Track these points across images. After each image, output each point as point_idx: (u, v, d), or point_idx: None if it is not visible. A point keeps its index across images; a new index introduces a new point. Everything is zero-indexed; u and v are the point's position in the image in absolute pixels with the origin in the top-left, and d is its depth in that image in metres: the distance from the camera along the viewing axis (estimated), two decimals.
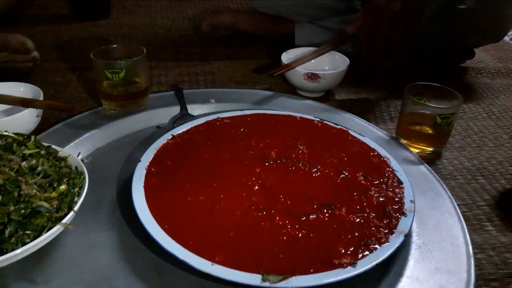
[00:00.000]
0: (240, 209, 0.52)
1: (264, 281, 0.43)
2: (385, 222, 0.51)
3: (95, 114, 0.75)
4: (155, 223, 0.49)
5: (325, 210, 0.52)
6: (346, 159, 0.62)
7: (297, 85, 0.89)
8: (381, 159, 0.62)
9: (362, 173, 0.59)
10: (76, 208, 0.48)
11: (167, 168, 0.58)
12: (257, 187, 0.56)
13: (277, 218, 0.51)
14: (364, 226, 0.50)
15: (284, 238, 0.48)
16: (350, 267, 0.45)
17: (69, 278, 0.47)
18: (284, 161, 0.61)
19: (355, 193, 0.55)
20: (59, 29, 1.24)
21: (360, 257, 0.46)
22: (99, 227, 0.54)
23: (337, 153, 0.63)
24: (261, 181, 0.57)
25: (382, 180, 0.58)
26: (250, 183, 0.56)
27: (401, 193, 0.56)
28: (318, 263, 0.45)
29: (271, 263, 0.45)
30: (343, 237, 0.49)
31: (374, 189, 0.56)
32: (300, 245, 0.47)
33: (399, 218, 0.51)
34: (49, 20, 1.31)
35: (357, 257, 0.46)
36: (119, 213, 0.56)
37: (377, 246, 0.47)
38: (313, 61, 0.91)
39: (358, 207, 0.53)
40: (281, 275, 0.43)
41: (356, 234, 0.49)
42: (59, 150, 0.56)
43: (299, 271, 0.44)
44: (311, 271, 0.44)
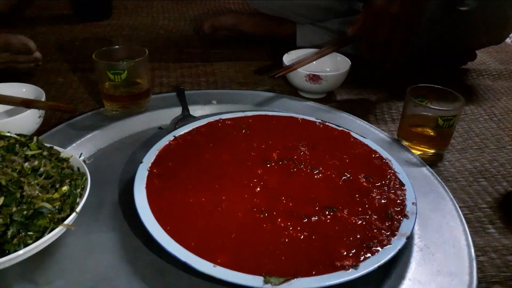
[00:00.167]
0: (242, 210, 0.52)
1: (266, 283, 0.43)
2: (387, 224, 0.51)
3: (97, 115, 0.75)
4: (157, 225, 0.49)
5: (327, 212, 0.52)
6: (347, 160, 0.62)
7: (299, 86, 0.89)
8: (383, 161, 0.62)
9: (364, 175, 0.59)
10: (78, 209, 0.48)
11: (169, 170, 0.58)
12: (258, 188, 0.56)
13: (279, 220, 0.51)
14: (366, 228, 0.50)
15: (286, 240, 0.48)
16: (352, 269, 0.45)
17: (71, 279, 0.47)
18: (286, 162, 0.61)
19: (357, 195, 0.55)
20: (60, 29, 1.24)
21: (362, 259, 0.46)
22: (101, 228, 0.54)
23: (339, 154, 0.63)
24: (262, 183, 0.57)
25: (384, 182, 0.58)
26: (252, 185, 0.56)
27: (403, 195, 0.56)
28: (320, 265, 0.45)
29: (273, 265, 0.45)
30: (345, 239, 0.48)
31: (376, 191, 0.56)
32: (302, 247, 0.47)
33: (401, 220, 0.51)
34: (50, 21, 1.31)
35: (359, 259, 0.46)
36: (121, 214, 0.56)
37: (379, 249, 0.47)
38: (314, 62, 0.91)
39: (360, 209, 0.53)
40: (283, 277, 0.43)
41: (358, 236, 0.49)
42: (61, 151, 0.56)
43: (301, 273, 0.44)
44: (313, 273, 0.44)
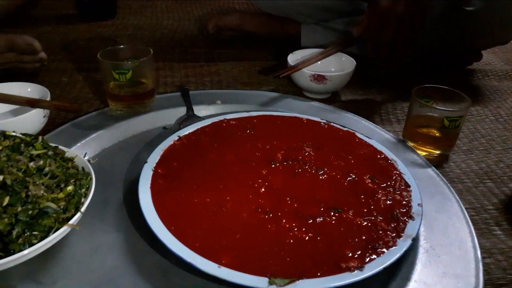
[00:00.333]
0: (247, 211, 0.52)
1: (271, 284, 0.42)
2: (392, 225, 0.50)
3: (101, 114, 0.75)
4: (162, 225, 0.49)
5: (332, 213, 0.52)
6: (353, 161, 0.62)
7: (304, 86, 0.88)
8: (388, 162, 0.62)
9: (369, 176, 0.59)
10: (83, 209, 0.48)
11: (173, 170, 0.58)
12: (263, 189, 0.56)
13: (284, 221, 0.51)
14: (372, 229, 0.50)
15: (291, 241, 0.48)
16: (358, 271, 0.44)
17: (75, 279, 0.47)
18: (291, 163, 0.61)
19: (362, 196, 0.55)
20: (65, 29, 1.25)
21: (367, 260, 0.45)
22: (106, 228, 0.54)
23: (344, 155, 0.63)
24: (267, 183, 0.57)
25: (389, 183, 0.58)
26: (257, 185, 0.56)
27: (409, 196, 0.55)
28: (325, 267, 0.45)
29: (278, 266, 0.45)
30: (350, 240, 0.48)
31: (381, 192, 0.56)
32: (307, 248, 0.47)
33: (406, 222, 0.51)
34: (55, 21, 1.31)
35: (364, 261, 0.45)
36: (125, 214, 0.56)
37: (384, 250, 0.47)
38: (319, 62, 0.91)
39: (365, 210, 0.53)
40: (288, 278, 0.43)
41: (363, 238, 0.49)
42: (66, 150, 0.56)
43: (306, 274, 0.44)
44: (318, 274, 0.44)
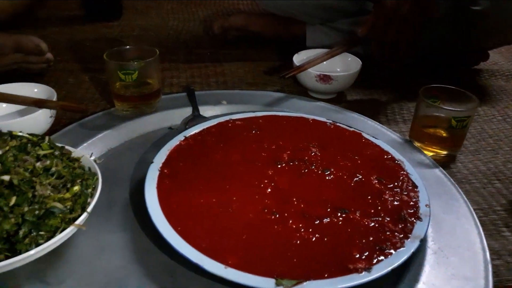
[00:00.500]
0: (253, 211, 0.52)
1: (278, 285, 0.42)
2: (400, 226, 0.50)
3: (107, 115, 0.76)
4: (168, 225, 0.49)
5: (339, 214, 0.51)
6: (359, 162, 0.61)
7: (309, 86, 0.88)
8: (395, 162, 0.62)
9: (376, 176, 0.58)
10: (89, 209, 0.48)
11: (179, 170, 0.58)
12: (269, 189, 0.55)
13: (290, 221, 0.50)
14: (379, 230, 0.49)
15: (298, 242, 0.48)
16: (365, 272, 0.44)
17: (82, 279, 0.47)
18: (297, 163, 0.60)
19: (369, 197, 0.55)
20: (71, 30, 1.25)
21: (375, 262, 0.45)
22: (112, 228, 0.54)
23: (350, 155, 0.62)
24: (273, 184, 0.56)
25: (396, 183, 0.57)
26: (263, 186, 0.56)
27: (416, 197, 0.55)
28: (332, 268, 0.44)
29: (284, 267, 0.44)
30: (357, 241, 0.48)
31: (388, 192, 0.55)
32: (314, 249, 0.47)
33: (414, 223, 0.51)
34: (61, 22, 1.32)
35: (372, 262, 0.45)
36: (131, 214, 0.56)
37: (392, 251, 0.46)
38: (325, 62, 0.91)
39: (373, 211, 0.52)
40: (295, 279, 0.43)
41: (371, 239, 0.48)
42: (72, 150, 0.57)
43: (313, 275, 0.43)
44: (326, 276, 0.43)
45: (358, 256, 0.46)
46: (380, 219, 0.51)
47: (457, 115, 0.66)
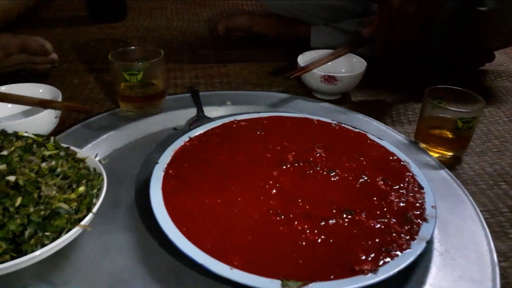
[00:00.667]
0: (258, 212, 0.52)
1: (284, 286, 0.42)
2: (406, 228, 0.50)
3: (112, 115, 0.76)
4: (173, 226, 0.49)
5: (344, 215, 0.51)
6: (365, 163, 0.61)
7: (314, 87, 0.88)
8: (400, 164, 0.61)
9: (381, 178, 0.58)
10: (94, 209, 0.48)
11: (184, 171, 0.58)
12: (274, 190, 0.55)
13: (296, 223, 0.50)
14: (385, 232, 0.49)
15: (303, 243, 0.47)
16: (371, 274, 0.44)
17: (87, 280, 0.47)
18: (302, 164, 0.60)
19: (375, 198, 0.54)
20: (76, 31, 1.26)
21: (381, 263, 0.45)
22: (117, 229, 0.54)
23: (356, 156, 0.62)
24: (278, 185, 0.56)
25: (402, 185, 0.57)
26: (268, 187, 0.56)
27: (422, 198, 0.55)
28: (338, 269, 0.44)
29: (290, 268, 0.44)
30: (363, 243, 0.48)
31: (394, 194, 0.55)
32: (320, 250, 0.47)
33: (420, 224, 0.50)
34: (66, 22, 1.32)
35: (378, 264, 0.45)
36: (137, 215, 0.56)
37: (398, 253, 0.46)
38: (329, 63, 0.90)
39: (378, 212, 0.52)
40: (300, 280, 0.42)
41: (377, 240, 0.48)
42: (77, 151, 0.57)
43: (319, 277, 0.43)
44: (331, 277, 0.43)
45: (364, 257, 0.46)
46: (386, 220, 0.51)
47: (463, 116, 0.66)
